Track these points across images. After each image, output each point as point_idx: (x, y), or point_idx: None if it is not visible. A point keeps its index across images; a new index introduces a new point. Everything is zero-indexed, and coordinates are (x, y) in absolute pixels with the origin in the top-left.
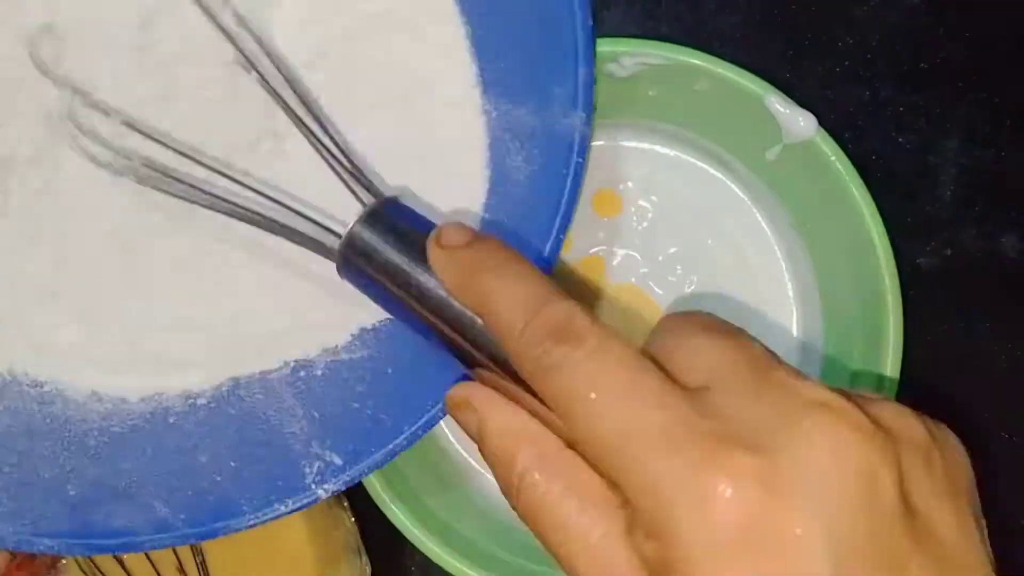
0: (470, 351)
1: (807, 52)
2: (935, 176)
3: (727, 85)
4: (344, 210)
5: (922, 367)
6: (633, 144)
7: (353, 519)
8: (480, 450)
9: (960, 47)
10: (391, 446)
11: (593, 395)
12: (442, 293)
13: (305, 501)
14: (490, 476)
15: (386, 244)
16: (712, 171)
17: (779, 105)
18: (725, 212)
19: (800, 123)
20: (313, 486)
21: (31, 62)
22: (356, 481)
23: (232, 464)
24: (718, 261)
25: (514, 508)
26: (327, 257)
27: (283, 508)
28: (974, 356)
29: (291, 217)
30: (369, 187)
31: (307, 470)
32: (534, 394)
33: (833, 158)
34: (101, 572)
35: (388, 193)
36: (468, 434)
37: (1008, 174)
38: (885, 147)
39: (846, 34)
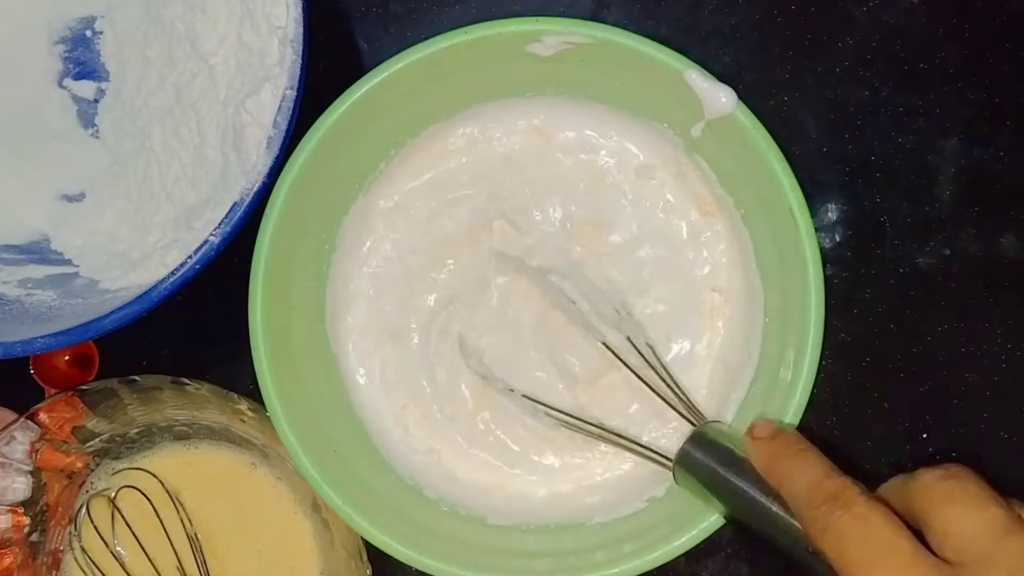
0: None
1: (807, 52)
2: (934, 176)
3: (648, 61)
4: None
5: (922, 366)
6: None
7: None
8: None
9: (960, 47)
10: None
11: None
12: (754, 494)
13: None
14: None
15: (710, 460)
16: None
17: (699, 80)
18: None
19: (721, 99)
20: None
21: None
22: None
23: None
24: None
25: None
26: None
27: None
28: (974, 356)
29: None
30: (694, 412)
31: None
32: None
33: (753, 132)
34: (101, 572)
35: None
36: None
37: (1007, 174)
38: (885, 147)
39: (846, 34)
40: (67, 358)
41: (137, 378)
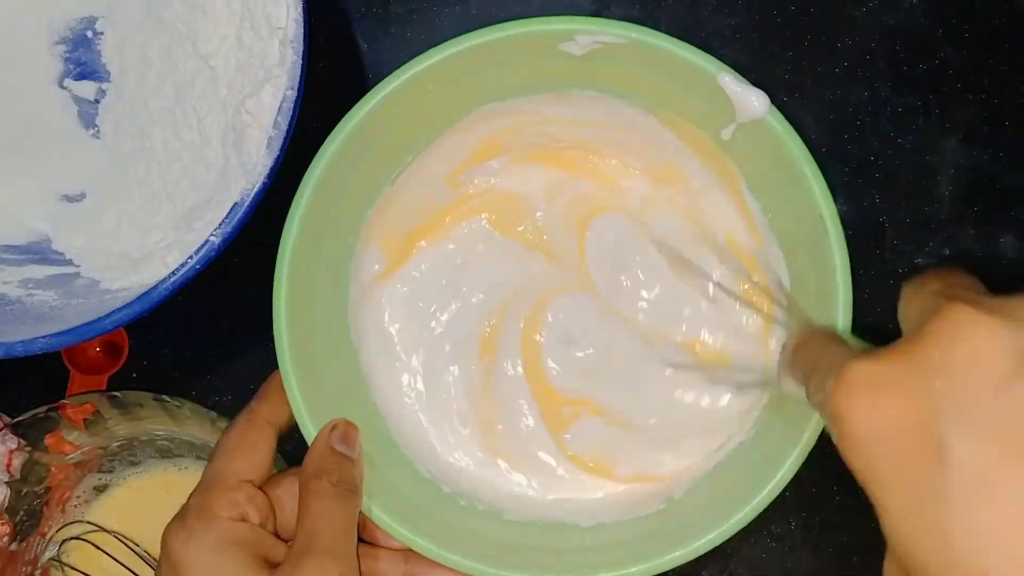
0: None
1: (807, 52)
2: (934, 176)
3: (681, 63)
4: None
5: None
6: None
7: None
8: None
9: (959, 47)
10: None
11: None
12: None
13: None
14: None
15: None
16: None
17: (732, 83)
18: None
19: (753, 102)
20: None
21: None
22: None
23: None
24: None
25: None
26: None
27: None
28: None
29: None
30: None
31: None
32: None
33: (785, 137)
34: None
35: None
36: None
37: (1007, 174)
38: (884, 147)
39: (846, 34)
40: (98, 349)
41: (118, 394)
